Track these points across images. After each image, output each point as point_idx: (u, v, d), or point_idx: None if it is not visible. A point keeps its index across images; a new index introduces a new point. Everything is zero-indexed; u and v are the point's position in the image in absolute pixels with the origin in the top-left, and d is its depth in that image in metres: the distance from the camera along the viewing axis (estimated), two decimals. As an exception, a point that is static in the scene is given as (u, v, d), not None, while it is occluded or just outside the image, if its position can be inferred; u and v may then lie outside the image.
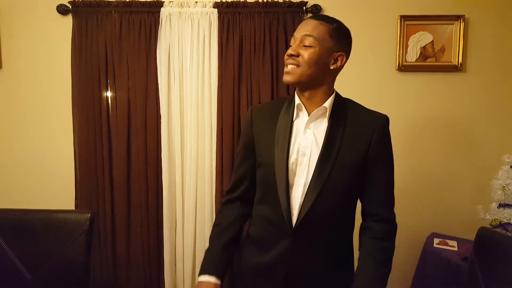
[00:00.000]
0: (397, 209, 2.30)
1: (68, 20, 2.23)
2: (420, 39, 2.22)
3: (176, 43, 2.20)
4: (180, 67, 2.22)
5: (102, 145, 2.23)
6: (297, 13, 2.18)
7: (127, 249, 2.28)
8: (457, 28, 2.19)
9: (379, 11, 2.23)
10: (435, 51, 2.22)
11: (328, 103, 1.17)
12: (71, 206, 2.29)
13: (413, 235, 2.30)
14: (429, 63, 2.23)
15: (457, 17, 2.18)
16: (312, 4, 2.20)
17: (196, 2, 2.19)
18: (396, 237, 2.34)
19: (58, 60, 2.26)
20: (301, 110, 1.19)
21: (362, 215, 1.25)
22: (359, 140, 1.15)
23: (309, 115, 1.18)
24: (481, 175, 2.23)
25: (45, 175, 2.34)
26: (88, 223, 1.62)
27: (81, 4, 2.19)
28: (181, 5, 2.19)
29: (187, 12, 2.18)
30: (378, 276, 1.17)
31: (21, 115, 2.32)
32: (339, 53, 1.19)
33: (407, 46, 2.22)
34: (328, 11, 2.23)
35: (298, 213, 1.13)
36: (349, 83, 2.26)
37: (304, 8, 2.18)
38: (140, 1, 2.18)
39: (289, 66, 1.14)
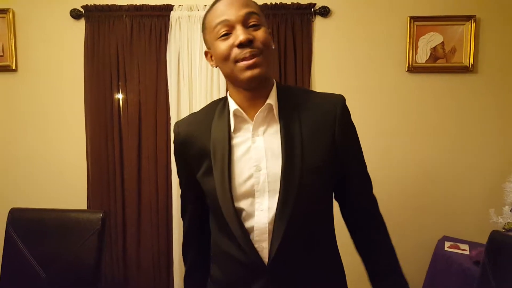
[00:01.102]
0: (408, 211, 2.31)
1: (81, 24, 2.28)
2: (430, 40, 2.20)
3: (186, 46, 2.23)
4: (189, 70, 2.24)
5: (113, 146, 2.27)
6: (305, 15, 2.18)
7: (137, 249, 2.31)
8: (468, 29, 2.16)
9: (389, 12, 2.22)
10: (446, 52, 2.19)
11: (272, 99, 0.91)
12: (83, 206, 2.33)
13: (424, 238, 2.28)
14: (440, 64, 2.20)
15: (468, 18, 2.15)
16: (320, 5, 2.20)
17: (205, 5, 2.22)
18: (407, 239, 2.34)
19: (71, 63, 2.32)
20: (241, 117, 0.92)
21: (344, 213, 1.03)
22: (321, 134, 0.91)
23: (252, 120, 0.91)
24: (493, 178, 2.19)
25: (58, 176, 2.39)
26: (100, 223, 1.65)
27: (93, 8, 2.24)
28: (191, 9, 2.22)
29: (196, 15, 2.21)
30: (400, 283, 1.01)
31: (35, 117, 2.38)
32: (269, 30, 0.92)
33: (417, 47, 2.20)
34: (337, 13, 2.23)
35: (269, 245, 0.88)
36: (359, 84, 2.26)
37: (312, 9, 2.19)
38: (150, 5, 2.22)
39: (251, 58, 0.84)
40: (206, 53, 0.97)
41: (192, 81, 2.25)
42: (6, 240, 1.68)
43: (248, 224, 0.89)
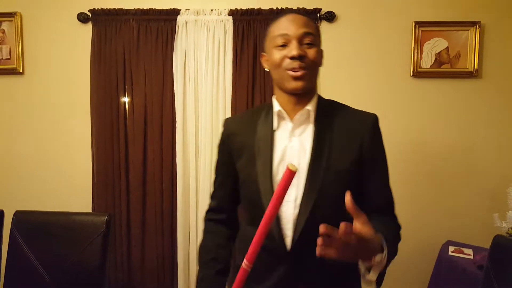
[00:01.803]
0: (412, 216, 2.31)
1: (88, 28, 2.30)
2: (435, 45, 2.21)
3: (192, 50, 2.24)
4: (195, 74, 2.25)
5: (119, 149, 2.28)
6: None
7: (141, 252, 2.31)
8: (472, 34, 2.17)
9: (394, 17, 2.23)
10: (450, 57, 2.20)
11: (311, 106, 1.03)
12: (88, 208, 2.34)
13: (428, 242, 2.28)
14: (444, 69, 2.21)
15: (473, 23, 2.17)
16: (326, 11, 2.22)
17: (212, 10, 2.23)
18: (411, 244, 2.34)
19: (78, 67, 2.33)
20: (282, 117, 1.05)
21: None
22: (350, 143, 1.03)
23: (292, 121, 1.04)
24: (497, 183, 2.20)
25: (64, 178, 2.40)
26: (104, 226, 1.65)
27: (100, 12, 2.25)
28: (197, 13, 2.24)
29: (203, 20, 2.23)
30: (393, 234, 1.04)
31: (41, 119, 2.39)
32: (321, 50, 1.07)
33: (421, 52, 2.21)
34: (342, 18, 2.24)
35: (292, 233, 0.98)
36: (364, 89, 2.27)
37: (318, 15, 2.21)
38: (157, 9, 2.23)
39: (299, 70, 0.98)
40: (262, 56, 1.10)
41: (198, 85, 2.27)
42: (11, 243, 1.68)
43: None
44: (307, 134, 1.03)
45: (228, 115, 2.23)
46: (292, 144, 1.03)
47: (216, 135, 2.26)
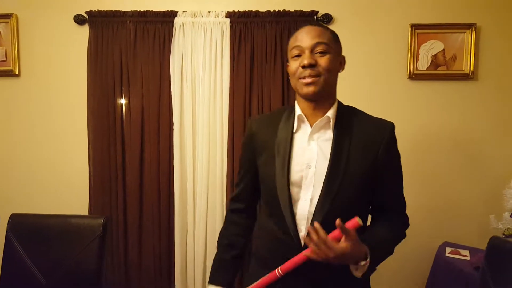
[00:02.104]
0: (409, 217, 2.30)
1: (85, 29, 2.29)
2: (431, 47, 2.22)
3: (189, 52, 2.24)
4: (192, 76, 2.25)
5: (115, 151, 2.27)
6: (308, 22, 2.20)
7: (139, 254, 2.30)
8: (468, 37, 2.19)
9: (390, 20, 2.24)
10: (447, 59, 2.22)
11: (331, 113, 1.11)
12: (85, 211, 2.33)
13: (425, 244, 2.28)
14: (441, 71, 2.23)
15: (469, 26, 2.18)
16: (323, 13, 2.22)
17: (209, 12, 2.23)
18: (408, 245, 2.34)
19: (75, 68, 2.32)
20: (302, 121, 1.14)
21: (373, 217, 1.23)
22: (367, 150, 1.10)
23: (311, 126, 1.12)
24: (493, 184, 2.21)
25: (60, 180, 2.39)
26: (101, 228, 1.64)
27: (97, 14, 2.25)
28: (194, 15, 2.24)
29: (200, 21, 2.23)
30: (384, 240, 1.13)
31: (38, 122, 2.38)
32: (342, 56, 1.17)
33: (418, 54, 2.22)
34: (339, 20, 2.25)
35: (306, 229, 1.06)
36: (360, 91, 2.27)
37: (315, 17, 2.21)
38: (154, 11, 2.23)
39: (308, 78, 1.07)
40: (287, 65, 1.18)
41: (195, 87, 2.26)
42: (6, 246, 1.67)
43: (293, 208, 1.09)
44: (325, 139, 1.11)
45: (226, 117, 2.23)
46: (311, 147, 1.11)
47: (213, 137, 2.26)
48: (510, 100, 2.23)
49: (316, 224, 0.96)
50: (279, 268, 1.02)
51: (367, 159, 1.10)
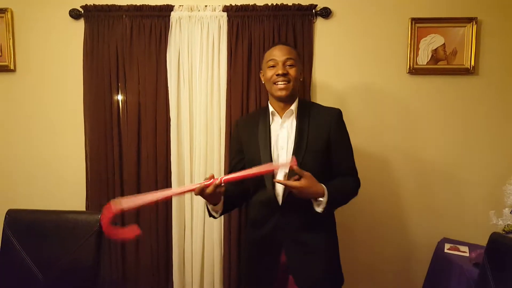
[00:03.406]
0: (408, 213, 2.32)
1: (80, 24, 2.26)
2: (431, 42, 2.19)
3: (186, 47, 2.21)
4: (189, 71, 2.23)
5: (112, 147, 2.26)
6: (306, 16, 2.18)
7: (136, 251, 2.30)
8: (469, 31, 2.16)
9: (390, 14, 2.21)
10: (447, 54, 2.19)
11: (293, 106, 1.54)
12: (82, 207, 2.32)
13: (424, 240, 2.28)
14: (441, 66, 2.20)
15: (469, 20, 2.15)
16: (321, 7, 2.20)
17: (206, 6, 2.21)
18: (407, 241, 2.35)
19: (70, 64, 2.30)
20: (275, 115, 1.57)
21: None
22: (321, 130, 1.51)
23: (281, 118, 1.55)
24: (493, 180, 2.20)
25: (57, 176, 2.38)
26: (98, 224, 1.65)
27: (92, 8, 2.22)
28: (191, 9, 2.21)
29: (197, 16, 2.20)
30: (341, 185, 1.49)
31: (34, 117, 2.36)
32: (301, 69, 1.64)
33: (418, 49, 2.19)
34: (337, 14, 2.23)
35: (282, 193, 1.48)
36: (359, 86, 2.26)
37: (313, 11, 2.18)
38: (150, 6, 2.20)
39: (282, 83, 1.50)
40: (260, 72, 1.67)
41: (192, 82, 2.24)
42: (3, 242, 1.68)
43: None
44: (291, 126, 1.53)
45: (223, 112, 2.21)
46: (282, 133, 1.53)
47: (211, 133, 2.24)
48: (510, 95, 2.21)
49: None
50: (222, 178, 1.35)
51: (322, 137, 1.50)
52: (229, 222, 2.22)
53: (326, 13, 2.20)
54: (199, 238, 2.26)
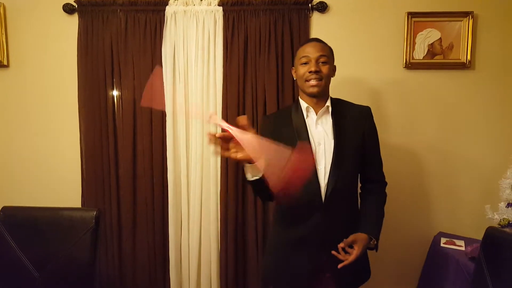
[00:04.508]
0: (404, 207, 2.32)
1: (74, 19, 2.24)
2: (427, 36, 2.19)
3: (181, 41, 2.19)
4: (185, 65, 2.21)
5: (108, 143, 2.24)
6: (303, 11, 2.16)
7: (132, 247, 2.29)
8: (465, 25, 2.16)
9: (386, 8, 2.21)
10: (443, 48, 2.19)
11: (329, 103, 1.54)
12: (78, 204, 2.30)
13: (420, 234, 2.29)
14: (437, 60, 2.20)
15: (466, 14, 2.15)
16: (317, 1, 2.19)
17: (201, 0, 2.19)
18: (403, 235, 2.36)
19: (65, 59, 2.28)
20: (309, 111, 1.54)
21: (362, 181, 1.64)
22: (357, 128, 1.53)
23: (316, 114, 1.53)
24: (489, 174, 2.21)
25: (52, 174, 2.36)
26: (93, 221, 1.63)
27: (86, 3, 2.20)
28: (186, 3, 2.19)
29: (192, 10, 2.18)
30: (377, 216, 1.56)
31: (28, 113, 2.34)
32: (334, 66, 1.59)
33: (414, 43, 2.19)
34: (334, 8, 2.22)
35: (325, 190, 1.46)
36: (356, 81, 2.25)
37: (309, 5, 2.17)
38: (145, 0, 2.18)
39: (314, 81, 1.48)
40: (292, 69, 1.63)
41: (188, 77, 2.23)
42: (-2, 239, 1.66)
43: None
44: (328, 124, 1.52)
45: (219, 107, 2.20)
46: (318, 130, 1.52)
47: (207, 128, 2.23)
48: (506, 89, 2.22)
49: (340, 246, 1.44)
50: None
51: (358, 135, 1.52)
52: (226, 217, 2.22)
53: (322, 7, 2.19)
54: (195, 233, 2.26)
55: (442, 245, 2.05)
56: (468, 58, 2.17)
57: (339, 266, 1.39)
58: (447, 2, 2.18)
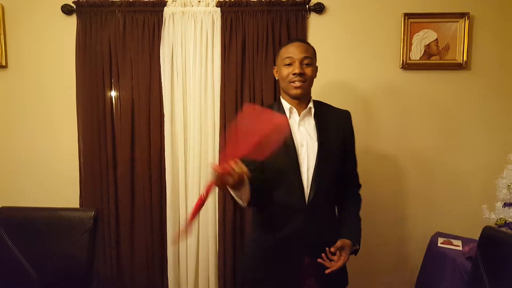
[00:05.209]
0: (401, 208, 2.33)
1: (72, 20, 2.24)
2: (424, 37, 2.20)
3: (179, 42, 2.20)
4: (183, 66, 2.22)
5: (106, 143, 2.24)
6: (300, 12, 2.17)
7: (130, 247, 2.29)
8: (461, 26, 2.17)
9: (383, 9, 2.22)
10: (440, 49, 2.20)
11: (311, 105, 1.52)
12: (76, 204, 2.30)
13: (418, 234, 2.29)
14: (433, 61, 2.21)
15: (462, 15, 2.16)
16: (315, 2, 2.20)
17: (199, 1, 2.20)
18: (400, 236, 2.36)
19: (63, 60, 2.28)
20: (292, 112, 1.52)
21: (340, 185, 1.57)
22: (338, 131, 1.52)
23: (299, 115, 1.50)
24: (486, 174, 2.21)
25: (50, 174, 2.36)
26: (92, 221, 1.63)
27: (85, 4, 2.20)
28: (184, 4, 2.20)
29: (190, 11, 2.19)
30: (358, 223, 1.55)
31: (26, 114, 2.34)
32: (316, 66, 1.55)
33: (411, 44, 2.20)
34: (331, 9, 2.23)
35: (308, 191, 1.43)
36: (353, 81, 2.26)
37: (307, 6, 2.18)
38: (143, 1, 2.19)
39: (298, 82, 1.46)
40: (274, 68, 1.60)
41: (186, 78, 2.23)
42: (-4, 239, 1.66)
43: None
44: (309, 124, 1.50)
45: (217, 108, 2.20)
46: (301, 131, 1.49)
47: (205, 128, 2.24)
48: (502, 90, 2.23)
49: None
50: (203, 193, 1.22)
51: (339, 138, 1.52)
52: (224, 218, 2.22)
53: (319, 8, 2.20)
54: (193, 234, 2.26)
55: (439, 245, 2.06)
56: (464, 58, 2.18)
57: (327, 271, 1.38)
58: (443, 3, 2.19)
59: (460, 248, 1.99)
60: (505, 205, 1.87)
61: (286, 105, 1.52)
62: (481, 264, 1.44)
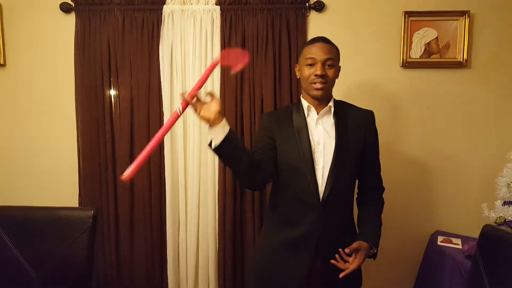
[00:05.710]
0: (401, 207, 2.33)
1: (71, 18, 2.23)
2: (424, 35, 2.20)
3: (179, 41, 2.19)
4: (182, 65, 2.21)
5: (105, 142, 2.24)
6: (300, 10, 2.17)
7: (130, 247, 2.28)
8: (462, 24, 2.16)
9: (383, 7, 2.21)
10: (440, 47, 2.20)
11: (332, 103, 1.51)
12: (75, 203, 2.30)
13: (417, 233, 2.29)
14: (434, 59, 2.21)
15: (462, 13, 2.16)
16: (315, 0, 2.19)
17: (199, -1, 2.19)
18: (400, 234, 2.36)
19: (62, 58, 2.27)
20: (310, 110, 1.52)
21: (360, 187, 1.61)
22: (359, 131, 1.50)
23: (318, 114, 1.50)
24: (485, 173, 2.21)
25: (49, 173, 2.35)
26: (91, 220, 1.63)
27: (83, 2, 2.19)
28: (184, 3, 2.19)
29: (190, 9, 2.18)
30: (377, 226, 1.52)
31: (25, 113, 2.33)
32: (339, 66, 1.53)
33: (411, 42, 2.20)
34: (331, 7, 2.22)
35: (323, 189, 1.43)
36: (353, 80, 2.26)
37: (307, 4, 2.17)
38: (142, -1, 2.18)
39: (319, 84, 1.44)
40: (295, 66, 1.59)
41: (186, 76, 2.22)
42: (-5, 239, 1.65)
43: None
44: (329, 123, 1.50)
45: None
46: (318, 129, 1.49)
47: (204, 127, 2.23)
48: (502, 88, 2.23)
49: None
50: (179, 107, 1.26)
51: (360, 138, 1.49)
52: (224, 217, 2.22)
53: (319, 6, 2.19)
54: (193, 232, 2.26)
55: (439, 243, 2.06)
56: (464, 57, 2.17)
57: (341, 275, 1.35)
58: (444, 1, 2.18)
59: (460, 247, 1.99)
60: (505, 203, 1.87)
61: (305, 103, 1.53)
62: (481, 263, 1.44)
